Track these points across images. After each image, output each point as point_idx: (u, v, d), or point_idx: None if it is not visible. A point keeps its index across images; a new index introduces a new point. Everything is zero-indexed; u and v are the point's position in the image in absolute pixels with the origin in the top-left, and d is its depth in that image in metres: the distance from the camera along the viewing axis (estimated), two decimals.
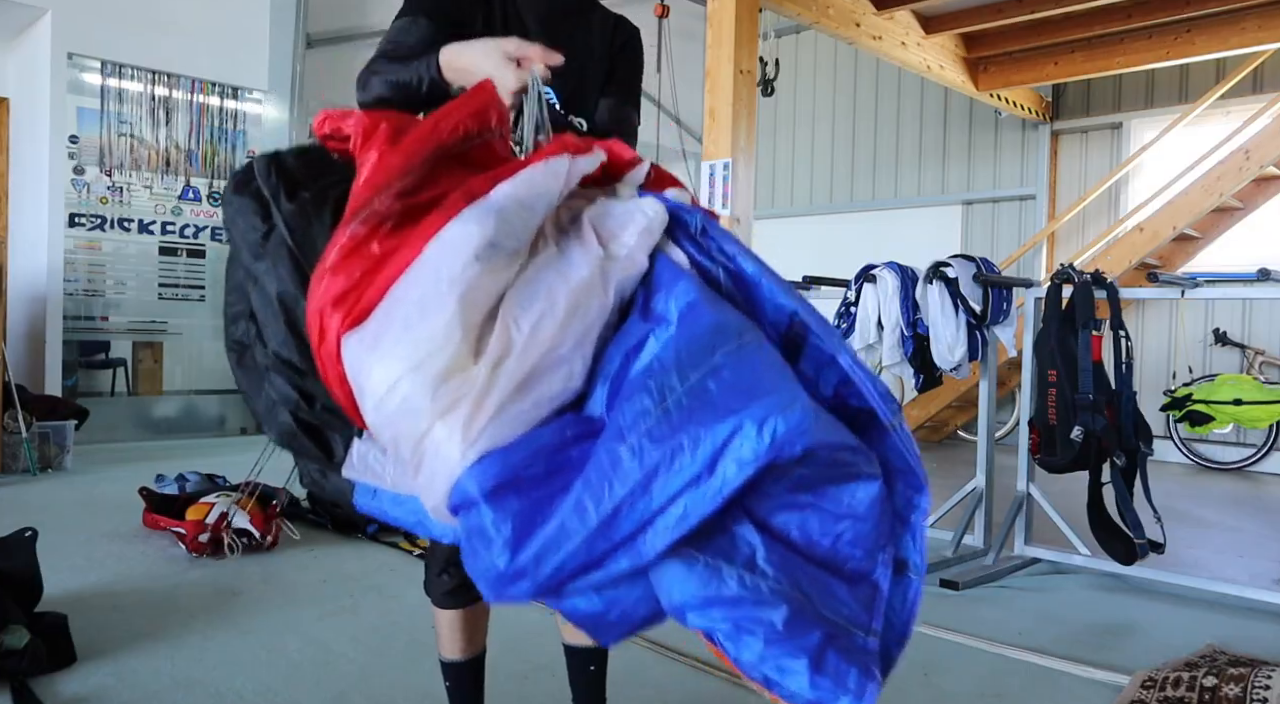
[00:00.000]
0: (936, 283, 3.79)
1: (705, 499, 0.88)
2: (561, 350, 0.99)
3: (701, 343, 0.96)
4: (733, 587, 0.91)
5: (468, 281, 0.97)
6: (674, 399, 0.92)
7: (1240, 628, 3.01)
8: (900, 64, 6.60)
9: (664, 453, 0.89)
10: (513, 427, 0.95)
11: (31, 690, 2.21)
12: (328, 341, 1.01)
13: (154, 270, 6.68)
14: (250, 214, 1.17)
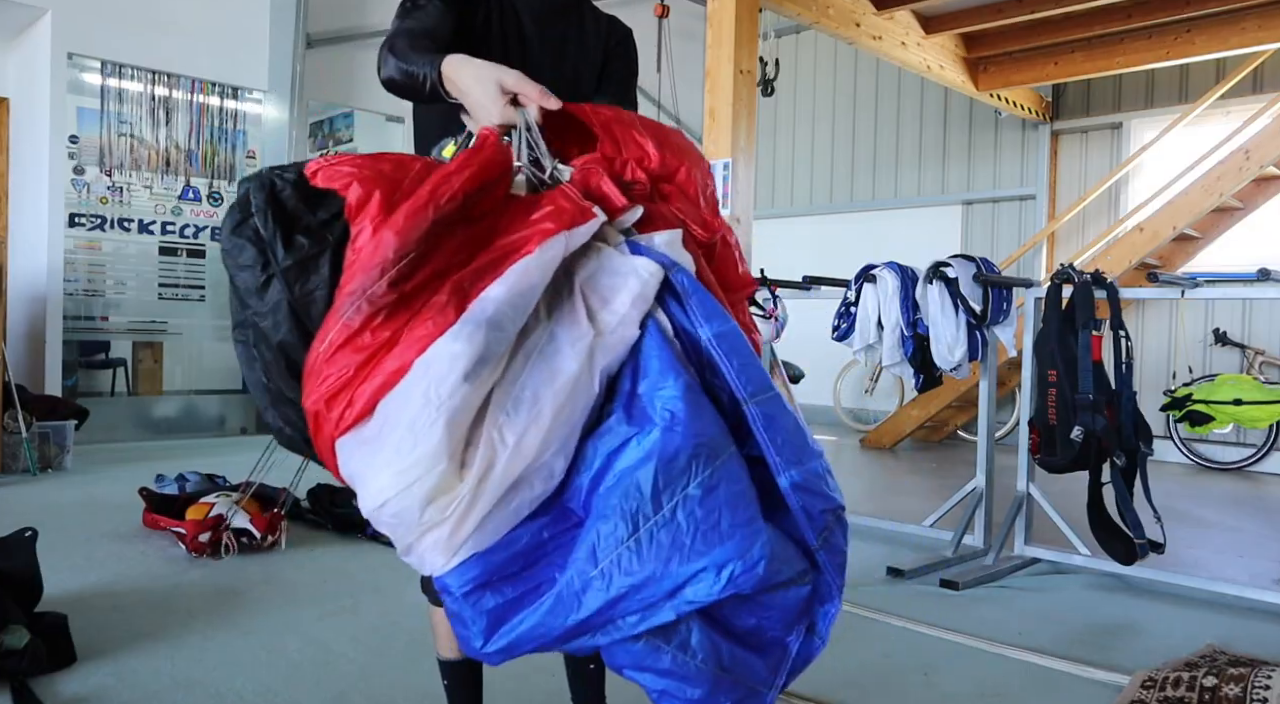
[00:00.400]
0: (936, 283, 3.79)
1: (658, 616, 1.04)
2: (544, 457, 1.06)
3: (679, 468, 1.04)
4: (665, 662, 1.07)
5: (455, 404, 1.02)
6: (646, 531, 1.02)
7: (1240, 628, 3.01)
8: (900, 64, 6.60)
9: (631, 584, 1.02)
10: (492, 534, 1.05)
11: (31, 690, 2.21)
12: (323, 436, 1.08)
13: (154, 270, 6.68)
14: (249, 262, 1.17)
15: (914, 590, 3.35)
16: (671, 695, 1.09)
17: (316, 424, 1.08)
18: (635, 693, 2.27)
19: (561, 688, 1.84)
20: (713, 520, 1.03)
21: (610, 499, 1.04)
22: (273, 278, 1.15)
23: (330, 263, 1.14)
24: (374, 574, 3.34)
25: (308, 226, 1.16)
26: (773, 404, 1.10)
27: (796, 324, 4.98)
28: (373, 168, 1.13)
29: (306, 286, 1.15)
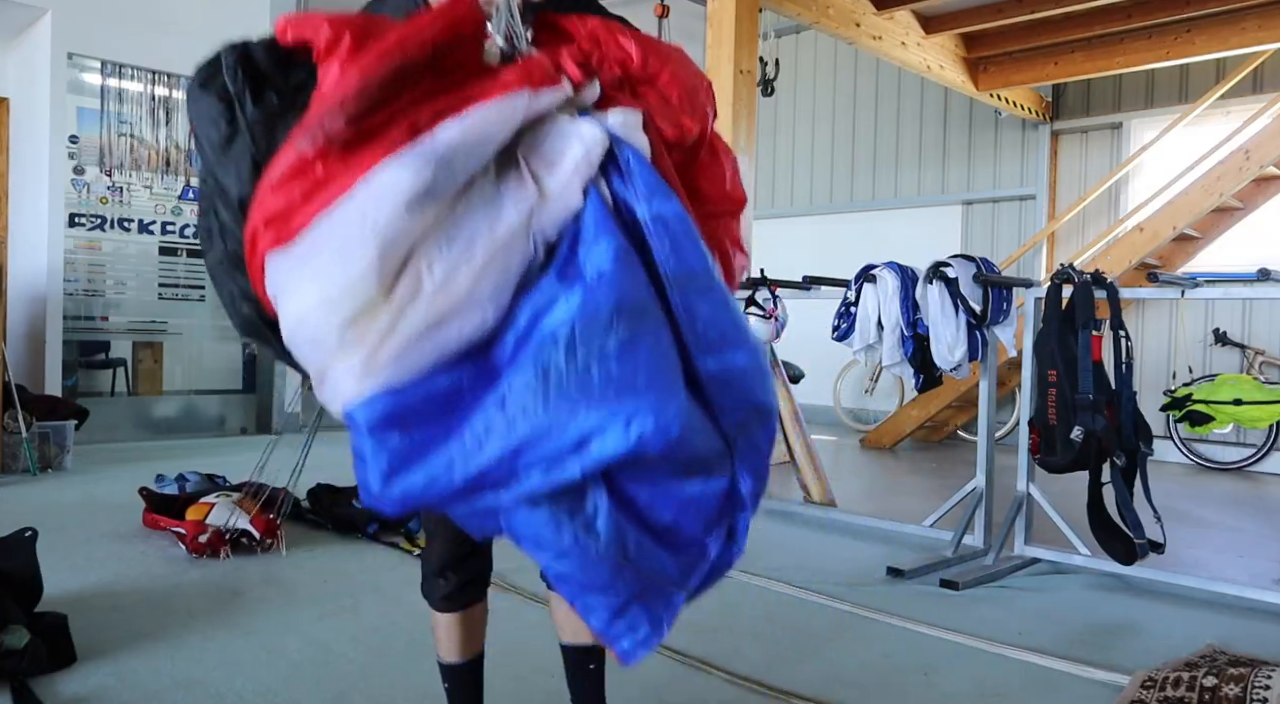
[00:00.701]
0: (936, 283, 3.79)
1: (561, 471, 0.99)
2: (474, 298, 1.03)
3: (601, 323, 1.00)
4: (566, 540, 1.04)
5: (393, 230, 0.99)
6: (557, 381, 0.99)
7: (1240, 628, 3.01)
8: (900, 64, 6.60)
9: (534, 429, 0.98)
10: (409, 368, 1.01)
11: (31, 690, 2.21)
12: (256, 256, 1.05)
13: (154, 270, 6.68)
14: (215, 115, 1.15)
15: (914, 590, 3.35)
16: (568, 580, 1.06)
17: (252, 245, 1.05)
18: (635, 693, 2.27)
19: (561, 688, 1.84)
20: (628, 376, 1.00)
21: (526, 351, 1.02)
22: (238, 133, 1.14)
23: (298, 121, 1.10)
24: (374, 574, 3.34)
25: (278, 88, 1.15)
26: (699, 291, 1.09)
27: (796, 324, 4.98)
28: (345, 16, 1.12)
29: (274, 139, 1.11)
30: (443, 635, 1.73)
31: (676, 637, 2.71)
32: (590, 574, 1.06)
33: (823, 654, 2.69)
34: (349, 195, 1.01)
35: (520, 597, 3.03)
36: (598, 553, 1.04)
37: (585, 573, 1.06)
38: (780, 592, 3.25)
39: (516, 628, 2.68)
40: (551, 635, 1.78)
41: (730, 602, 3.12)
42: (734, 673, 2.47)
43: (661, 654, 2.59)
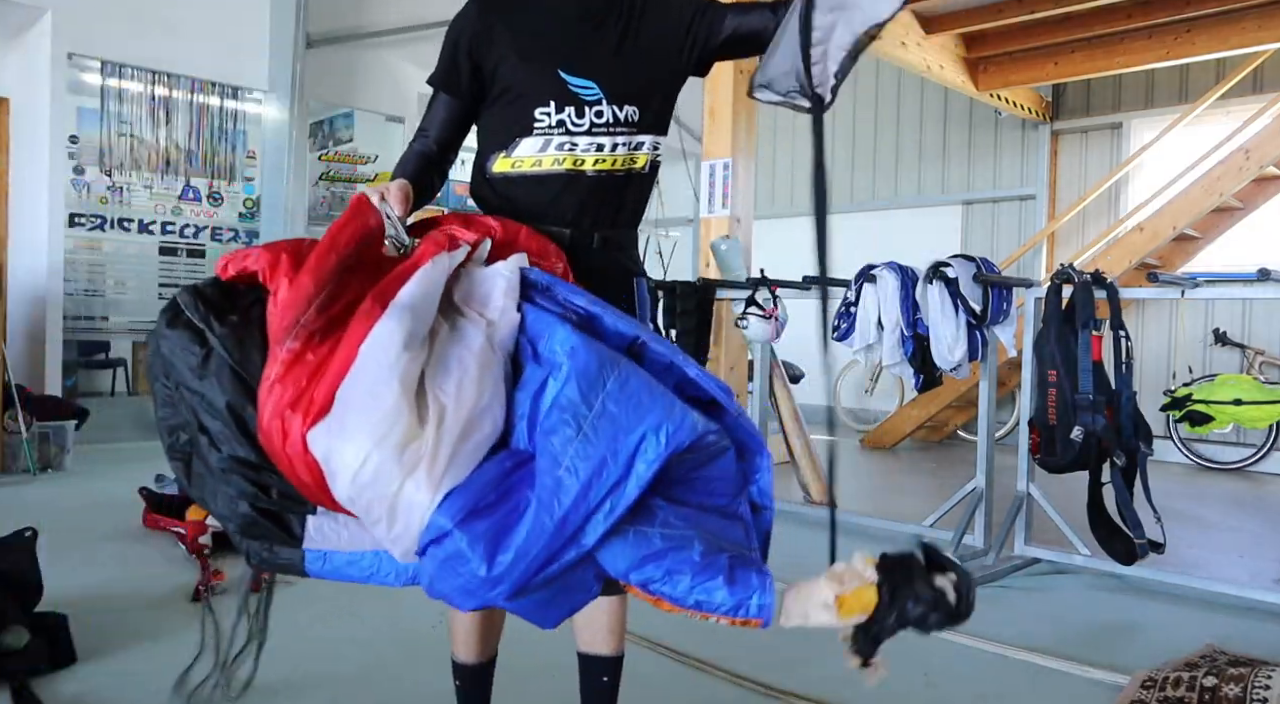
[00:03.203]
0: (936, 283, 3.79)
1: (626, 494, 1.18)
2: (483, 402, 1.25)
3: (594, 376, 1.23)
4: (657, 543, 1.20)
5: (403, 367, 1.22)
6: (589, 424, 1.20)
7: (1240, 628, 3.01)
8: (900, 64, 6.60)
9: (593, 466, 1.17)
10: (463, 469, 1.21)
11: (31, 690, 2.21)
12: (291, 439, 1.22)
13: (154, 270, 6.68)
14: (187, 343, 1.36)
15: None
16: (677, 571, 1.19)
17: (282, 432, 1.23)
18: (635, 693, 2.27)
19: (564, 689, 1.84)
20: (635, 400, 1.21)
21: (550, 421, 1.22)
22: (212, 351, 1.33)
23: (259, 334, 1.33)
24: None
25: (232, 311, 1.37)
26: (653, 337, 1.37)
27: (796, 324, 4.98)
28: (273, 244, 1.38)
29: (244, 349, 1.33)
30: (461, 635, 1.74)
31: (677, 637, 2.71)
32: (690, 552, 1.20)
33: (823, 654, 2.68)
34: (359, 358, 1.23)
35: None
36: (683, 536, 1.20)
37: (687, 554, 1.19)
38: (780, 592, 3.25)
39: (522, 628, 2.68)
40: (556, 636, 1.78)
41: None
42: (734, 673, 2.47)
43: (662, 654, 2.59)
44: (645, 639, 2.67)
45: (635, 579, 1.21)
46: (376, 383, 1.20)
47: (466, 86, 1.68)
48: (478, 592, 1.18)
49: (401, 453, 1.17)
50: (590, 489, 1.16)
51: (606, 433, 1.19)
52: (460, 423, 1.21)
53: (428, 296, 1.32)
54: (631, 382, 1.24)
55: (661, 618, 2.84)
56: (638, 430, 1.18)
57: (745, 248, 5.24)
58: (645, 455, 1.17)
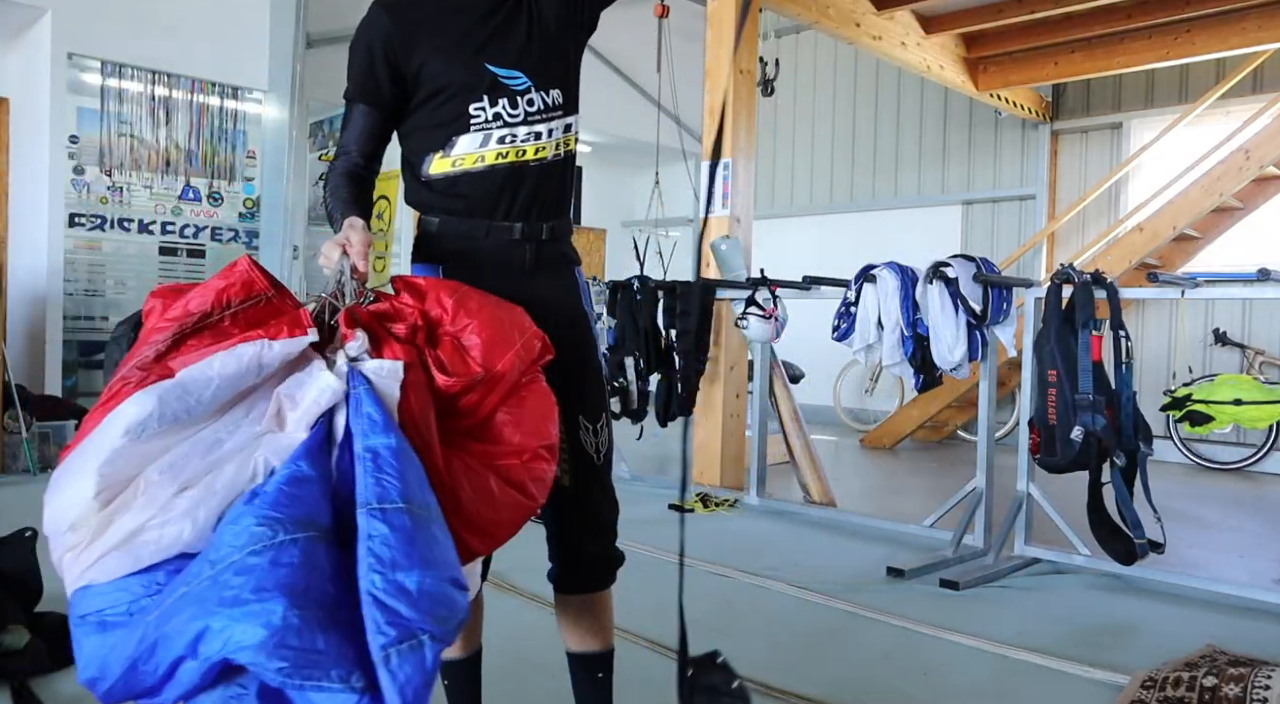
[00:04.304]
0: (936, 283, 3.79)
1: (193, 672, 1.06)
2: (171, 514, 1.18)
3: (238, 538, 1.11)
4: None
5: (109, 453, 1.19)
6: (193, 587, 1.09)
7: (1240, 628, 3.01)
8: (900, 64, 6.61)
9: (160, 635, 1.08)
10: (110, 571, 1.17)
11: (31, 690, 2.21)
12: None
13: (154, 270, 6.68)
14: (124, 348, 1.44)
15: (914, 590, 3.35)
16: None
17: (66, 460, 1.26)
18: (636, 693, 2.27)
19: (560, 689, 1.84)
20: (241, 583, 1.06)
21: (194, 561, 1.15)
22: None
23: None
24: None
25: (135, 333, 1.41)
26: (385, 515, 1.16)
27: (796, 324, 4.98)
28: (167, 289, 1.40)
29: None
30: None
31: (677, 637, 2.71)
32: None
33: (823, 654, 2.69)
34: (97, 427, 1.24)
35: (521, 597, 3.03)
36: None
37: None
38: (780, 592, 3.25)
39: (517, 628, 2.68)
40: (550, 634, 1.78)
41: (730, 602, 3.12)
42: None
43: (662, 654, 2.59)
44: (644, 638, 2.67)
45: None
46: (82, 463, 1.20)
47: (388, 94, 1.68)
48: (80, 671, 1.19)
49: (68, 532, 1.19)
50: (154, 653, 1.09)
51: (188, 607, 1.08)
52: (132, 526, 1.18)
53: (194, 386, 1.26)
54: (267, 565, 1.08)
55: (662, 618, 2.84)
56: (209, 618, 1.05)
57: (745, 248, 5.24)
58: (208, 645, 1.04)
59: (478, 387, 1.44)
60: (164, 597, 1.15)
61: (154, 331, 1.32)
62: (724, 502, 4.79)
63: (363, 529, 1.15)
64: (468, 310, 1.46)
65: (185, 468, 1.22)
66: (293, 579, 1.07)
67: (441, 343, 1.45)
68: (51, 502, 1.22)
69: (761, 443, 4.73)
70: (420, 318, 1.44)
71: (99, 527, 1.18)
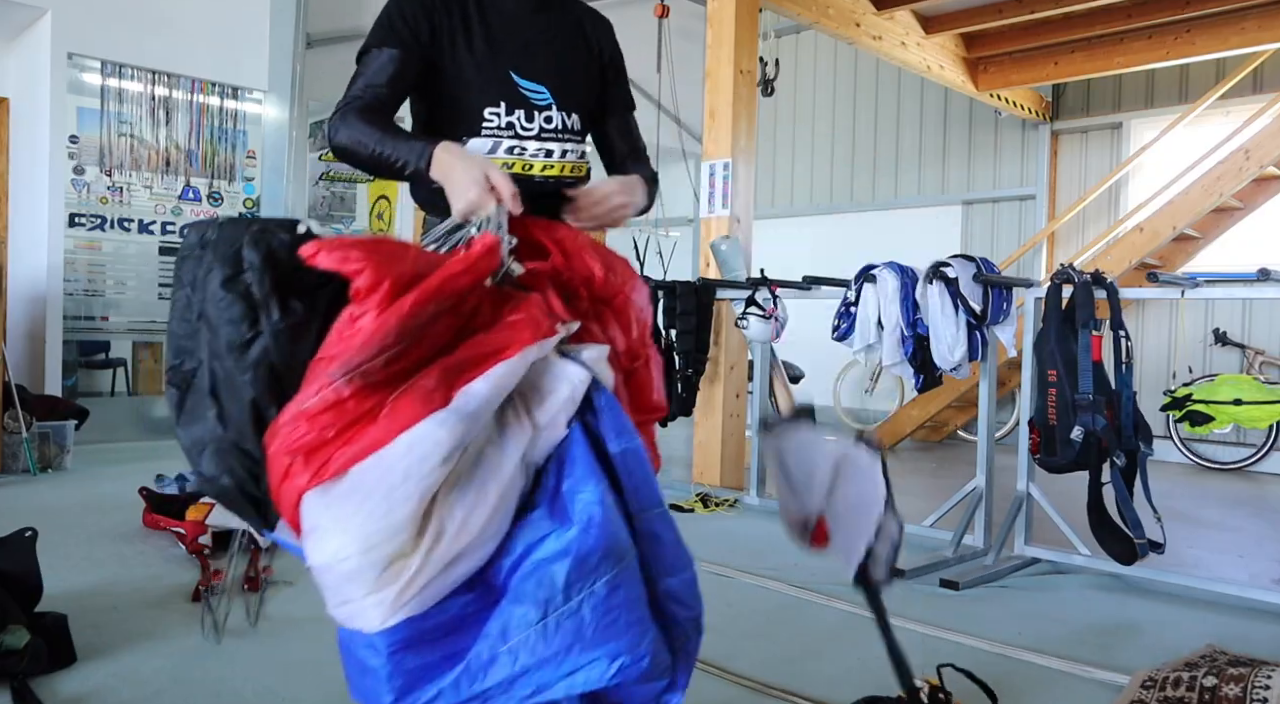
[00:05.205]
0: (936, 283, 3.79)
1: (549, 694, 1.15)
2: (484, 537, 1.17)
3: (590, 566, 1.16)
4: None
5: (430, 482, 1.11)
6: (555, 618, 1.14)
7: (1240, 628, 3.01)
8: (900, 64, 6.61)
9: (533, 663, 1.14)
10: (430, 600, 1.15)
11: (31, 690, 2.21)
12: (290, 485, 1.13)
13: (154, 270, 6.68)
14: (237, 316, 1.18)
15: (914, 590, 3.34)
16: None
17: (285, 472, 1.13)
18: None
19: None
20: (612, 617, 1.16)
21: (526, 585, 1.16)
22: (258, 337, 1.18)
23: (316, 334, 1.19)
24: None
25: (301, 290, 1.20)
26: (658, 520, 1.26)
27: (796, 324, 4.98)
28: (380, 253, 1.18)
29: (295, 351, 1.18)
30: None
31: None
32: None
33: (823, 654, 2.68)
34: (392, 446, 1.11)
35: None
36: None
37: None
38: (780, 592, 3.25)
39: None
40: None
41: (730, 602, 3.12)
42: (734, 673, 2.47)
43: None
44: None
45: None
46: (396, 489, 1.10)
47: (426, 45, 1.59)
48: (367, 699, 1.19)
49: (383, 570, 1.11)
50: (517, 683, 1.14)
51: (567, 635, 1.15)
52: (451, 554, 1.14)
53: (495, 398, 1.18)
54: (621, 591, 1.17)
55: None
56: (595, 652, 1.15)
57: (745, 248, 5.24)
58: (588, 676, 1.15)
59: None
60: (488, 613, 1.17)
61: (383, 331, 1.13)
62: (724, 502, 4.79)
63: (652, 531, 1.25)
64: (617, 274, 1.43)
65: (485, 487, 1.17)
66: (642, 605, 1.20)
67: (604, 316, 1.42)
68: (340, 532, 1.10)
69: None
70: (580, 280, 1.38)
71: (420, 562, 1.12)
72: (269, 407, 1.18)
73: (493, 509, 1.16)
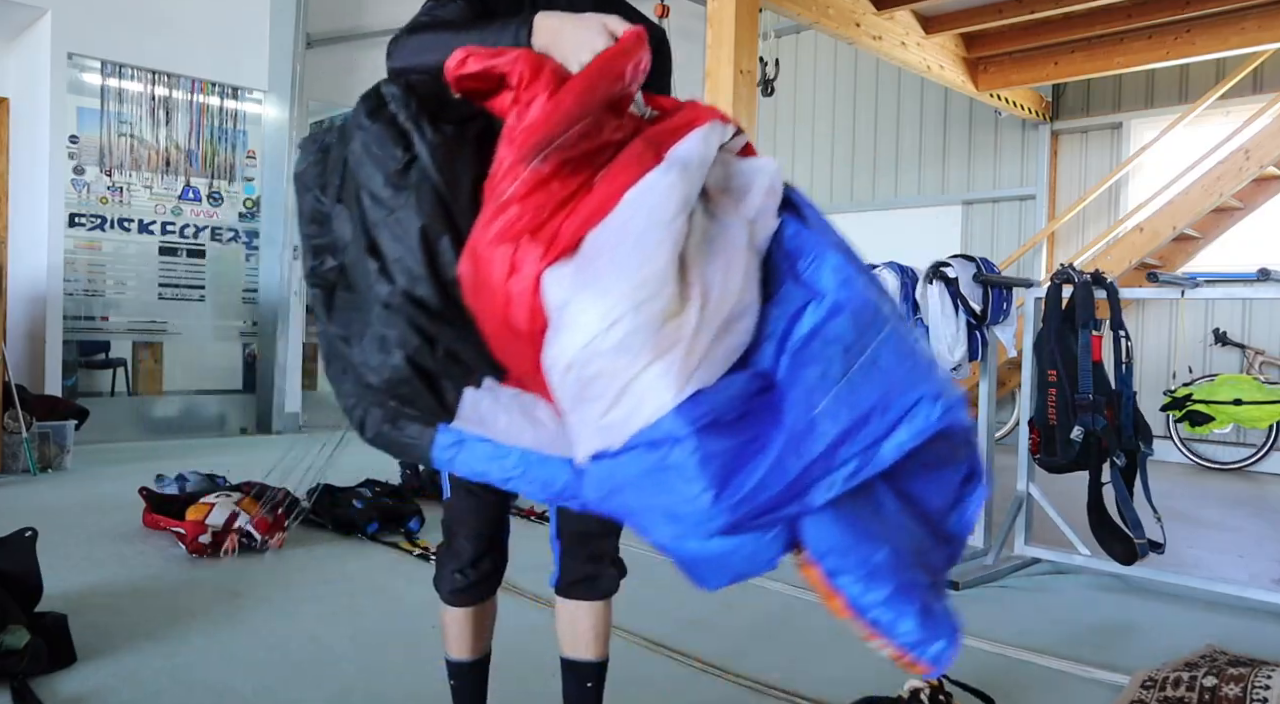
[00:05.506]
0: (936, 283, 3.79)
1: (878, 460, 1.00)
2: (744, 301, 1.04)
3: (866, 320, 1.04)
4: (875, 535, 1.03)
5: (677, 229, 1.00)
6: (858, 369, 1.01)
7: (1240, 628, 3.01)
8: (900, 64, 6.60)
9: (856, 418, 1.00)
10: (714, 371, 1.00)
11: (31, 690, 2.21)
12: (521, 274, 1.01)
13: (154, 270, 6.68)
14: (388, 143, 1.12)
15: None
16: (878, 577, 1.04)
17: (510, 263, 1.02)
18: (637, 693, 2.27)
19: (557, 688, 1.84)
20: (912, 361, 1.04)
21: (809, 351, 1.03)
22: (415, 160, 1.10)
23: (474, 157, 1.12)
24: (374, 574, 3.34)
25: (447, 117, 1.14)
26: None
27: None
28: (527, 54, 1.13)
29: (454, 169, 1.10)
30: (454, 632, 1.73)
31: (677, 637, 2.71)
32: (900, 571, 1.05)
33: (823, 654, 2.68)
34: (622, 205, 1.02)
35: (522, 597, 3.03)
36: (895, 552, 1.05)
37: (896, 571, 1.04)
38: (780, 591, 3.25)
39: (518, 629, 2.68)
40: (554, 637, 1.78)
41: (730, 602, 3.12)
42: (735, 673, 2.47)
43: (662, 654, 2.59)
44: (646, 640, 2.67)
45: (828, 565, 1.04)
46: (647, 238, 0.99)
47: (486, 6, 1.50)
48: (686, 519, 0.99)
49: (660, 327, 0.96)
50: (844, 443, 0.99)
51: (876, 384, 1.01)
52: (721, 316, 1.00)
53: (703, 162, 1.09)
54: (907, 341, 1.05)
55: (662, 618, 2.84)
56: (913, 393, 1.01)
57: None
58: (913, 422, 1.01)
59: None
60: (774, 394, 1.02)
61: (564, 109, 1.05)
62: None
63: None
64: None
65: (730, 255, 1.05)
66: (925, 349, 1.10)
67: None
68: (600, 299, 0.97)
69: None
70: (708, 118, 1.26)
71: (696, 318, 0.99)
72: (440, 234, 1.09)
73: (744, 274, 1.05)
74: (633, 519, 1.04)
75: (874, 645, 1.06)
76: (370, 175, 1.12)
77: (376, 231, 1.12)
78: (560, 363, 1.01)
